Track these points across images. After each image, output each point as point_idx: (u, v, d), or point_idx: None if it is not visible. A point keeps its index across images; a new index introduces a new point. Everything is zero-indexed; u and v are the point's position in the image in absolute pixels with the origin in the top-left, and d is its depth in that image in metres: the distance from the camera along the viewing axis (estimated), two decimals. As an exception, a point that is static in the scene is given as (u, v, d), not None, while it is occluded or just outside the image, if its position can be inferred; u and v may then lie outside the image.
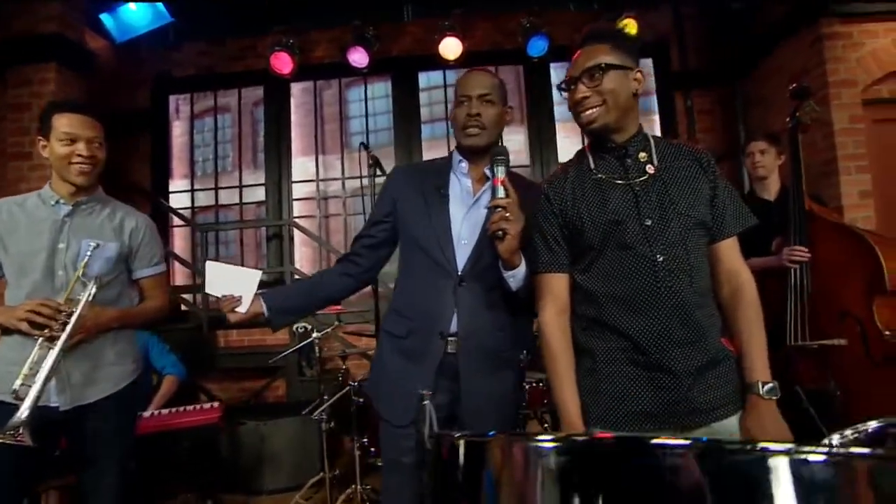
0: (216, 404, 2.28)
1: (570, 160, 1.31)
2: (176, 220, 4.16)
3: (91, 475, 1.61)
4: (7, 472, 1.46)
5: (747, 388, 1.14)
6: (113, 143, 1.79)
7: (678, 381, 1.11)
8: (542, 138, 4.12)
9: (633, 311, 1.13)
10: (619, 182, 1.19)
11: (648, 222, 1.14)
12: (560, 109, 4.20)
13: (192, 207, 4.24)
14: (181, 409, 2.22)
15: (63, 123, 1.60)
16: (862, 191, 2.99)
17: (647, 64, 4.16)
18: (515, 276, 1.28)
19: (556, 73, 4.20)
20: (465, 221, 1.38)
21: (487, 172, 1.42)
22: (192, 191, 4.26)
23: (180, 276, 4.21)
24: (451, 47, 3.71)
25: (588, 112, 1.17)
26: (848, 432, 1.03)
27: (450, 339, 1.34)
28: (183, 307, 3.91)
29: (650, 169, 1.18)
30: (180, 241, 4.25)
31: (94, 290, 1.56)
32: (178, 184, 4.30)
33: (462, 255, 1.36)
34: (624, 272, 1.15)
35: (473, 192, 1.42)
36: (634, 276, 1.14)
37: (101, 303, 1.61)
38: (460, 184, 1.43)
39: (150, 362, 2.63)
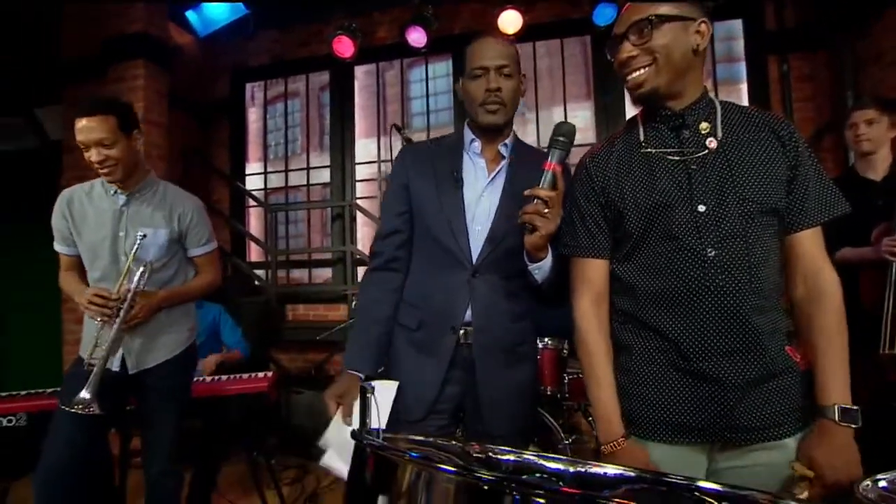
0: (269, 374, 2.42)
1: (618, 131, 1.16)
2: (251, 201, 4.45)
3: (150, 428, 1.81)
4: (85, 425, 1.66)
5: (819, 410, 0.96)
6: (197, 130, 1.92)
7: (724, 393, 0.96)
8: (609, 114, 3.84)
9: (676, 312, 0.99)
10: (673, 158, 1.02)
11: (702, 208, 0.98)
12: (630, 81, 3.88)
13: (265, 189, 4.51)
14: (235, 376, 2.39)
15: (77, 130, 1.65)
16: None
17: (735, 25, 3.71)
18: (541, 269, 1.18)
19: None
20: (479, 206, 1.30)
21: (503, 151, 1.33)
22: (266, 173, 4.53)
23: (255, 253, 4.52)
24: (510, 20, 3.55)
25: (635, 74, 1.00)
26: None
27: (463, 330, 1.27)
28: (256, 283, 4.20)
29: (711, 143, 1.00)
30: (255, 220, 4.56)
31: (145, 277, 1.70)
32: (253, 167, 4.59)
33: (476, 243, 1.28)
34: (667, 266, 1.00)
35: (488, 173, 1.33)
36: (679, 271, 0.99)
37: (158, 282, 1.79)
38: (474, 165, 1.34)
39: (220, 337, 2.85)
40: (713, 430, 0.97)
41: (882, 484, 0.81)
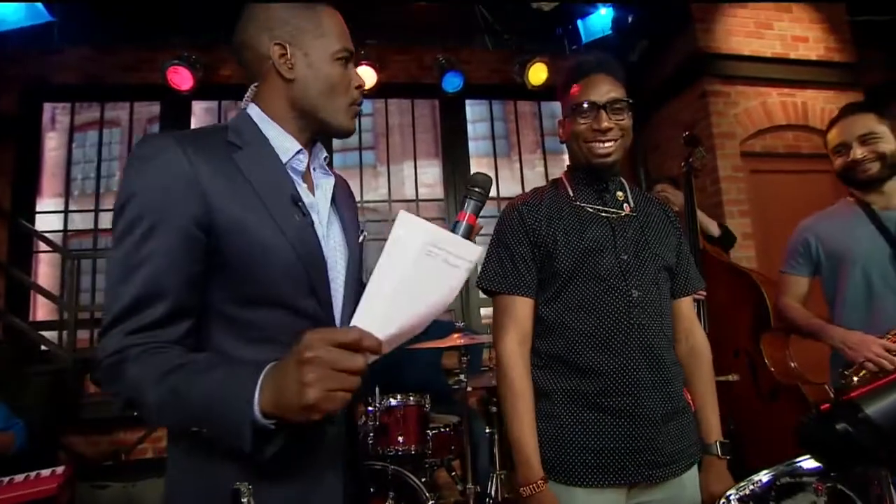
0: (59, 469, 1.88)
1: (544, 186, 1.27)
2: (42, 246, 3.60)
3: None
4: None
5: (706, 447, 1.17)
6: None
7: (643, 427, 1.06)
8: (456, 172, 4.13)
9: (603, 348, 1.08)
10: (599, 213, 1.16)
11: (625, 257, 1.12)
12: (474, 144, 4.26)
13: (65, 231, 3.70)
14: (3, 480, 1.80)
15: None
16: (744, 233, 3.26)
17: (558, 107, 4.36)
18: None
19: (472, 109, 4.27)
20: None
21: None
22: (66, 212, 3.73)
23: (43, 309, 3.62)
24: (366, 76, 3.64)
25: (609, 144, 1.12)
26: (744, 484, 1.03)
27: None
28: (44, 347, 3.34)
29: (627, 208, 1.18)
30: (46, 268, 3.68)
31: None
32: (46, 203, 3.74)
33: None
34: (596, 305, 1.10)
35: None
36: (607, 310, 1.09)
37: None
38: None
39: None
40: (634, 469, 1.06)
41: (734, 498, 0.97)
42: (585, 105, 1.12)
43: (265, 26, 0.87)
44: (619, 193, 1.21)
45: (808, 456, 1.00)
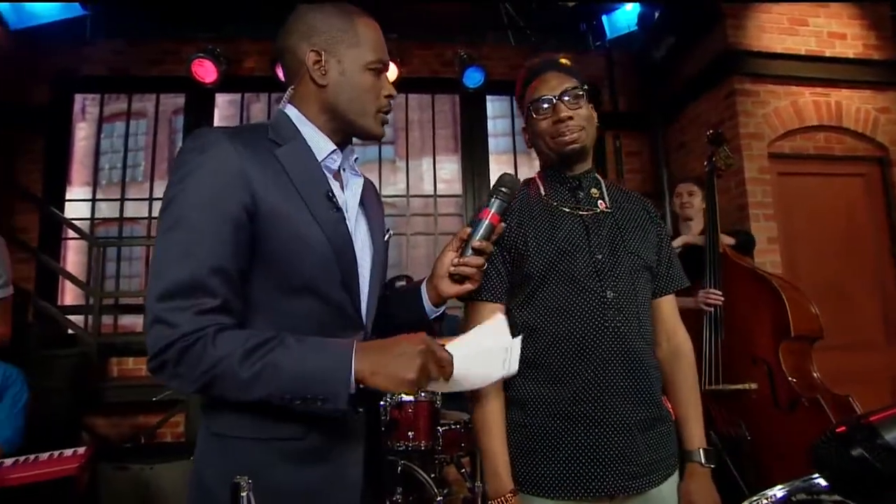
0: (81, 450, 1.93)
1: (519, 186, 1.23)
2: (71, 233, 3.70)
3: None
4: None
5: (687, 455, 1.12)
6: None
7: (617, 436, 1.02)
8: (475, 168, 4.10)
9: (576, 352, 1.04)
10: (571, 212, 1.13)
11: (599, 256, 1.08)
12: (494, 141, 4.22)
13: (92, 219, 3.81)
14: (27, 458, 1.86)
15: None
16: (769, 237, 3.17)
17: (580, 104, 4.30)
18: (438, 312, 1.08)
19: (492, 105, 4.23)
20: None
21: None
22: (94, 201, 3.83)
23: (71, 294, 3.74)
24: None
25: (573, 134, 1.10)
26: (756, 499, 0.99)
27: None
28: (70, 331, 3.45)
29: (602, 205, 1.14)
30: (74, 255, 3.79)
31: None
32: (76, 192, 3.85)
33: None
34: (569, 308, 1.06)
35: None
36: (580, 312, 1.05)
37: None
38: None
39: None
40: (610, 480, 1.02)
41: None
42: (539, 101, 1.13)
43: (304, 34, 0.94)
44: (594, 190, 1.17)
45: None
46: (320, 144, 0.94)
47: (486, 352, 0.93)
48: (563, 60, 1.21)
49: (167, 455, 2.71)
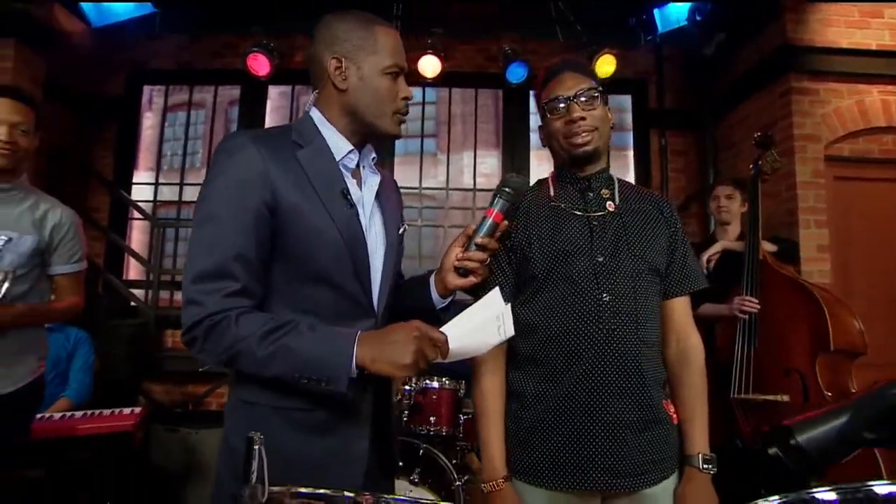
0: (137, 410, 2.15)
1: (531, 186, 1.27)
2: (136, 213, 4.04)
3: None
4: None
5: (686, 458, 1.12)
6: (78, 127, 1.72)
7: (607, 434, 1.04)
8: (515, 164, 4.11)
9: (570, 352, 1.08)
10: (577, 213, 1.15)
11: (600, 259, 1.10)
12: (535, 136, 4.20)
13: (154, 201, 4.13)
14: (92, 413, 2.10)
15: None
16: (820, 245, 3.01)
17: (626, 100, 4.21)
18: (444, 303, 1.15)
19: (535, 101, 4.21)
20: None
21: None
22: (157, 184, 4.15)
23: (134, 271, 4.08)
24: (430, 65, 3.70)
25: (585, 134, 1.13)
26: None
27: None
28: (132, 304, 3.77)
29: (610, 206, 1.16)
30: (139, 234, 4.13)
31: (5, 286, 1.48)
32: (142, 175, 4.19)
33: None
34: (566, 308, 1.09)
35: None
36: (576, 314, 1.08)
37: (9, 296, 1.53)
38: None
39: (68, 363, 2.47)
40: (596, 476, 1.04)
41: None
42: (555, 101, 1.14)
43: (328, 42, 1.03)
44: (605, 191, 1.18)
45: (827, 487, 0.95)
46: (339, 145, 1.03)
47: (480, 324, 0.99)
48: (579, 60, 1.23)
49: (212, 422, 2.94)
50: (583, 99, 1.13)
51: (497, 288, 1.04)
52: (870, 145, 3.25)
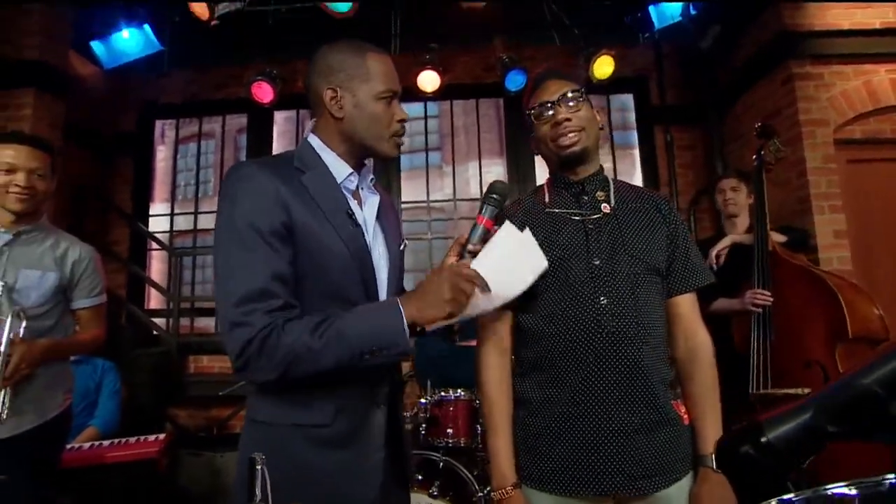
0: (161, 436, 2.21)
1: (528, 193, 1.29)
2: (153, 244, 4.16)
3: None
4: None
5: (699, 458, 1.09)
6: (96, 164, 1.81)
7: (615, 437, 1.04)
8: (520, 170, 4.12)
9: (573, 356, 1.08)
10: (572, 218, 1.16)
11: (597, 262, 1.10)
12: (538, 142, 4.21)
13: (171, 231, 4.25)
14: (118, 441, 2.16)
15: (4, 154, 1.62)
16: (837, 230, 2.94)
17: (628, 99, 4.19)
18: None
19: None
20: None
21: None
22: (172, 215, 4.28)
23: (155, 300, 4.19)
24: (429, 80, 3.75)
25: (571, 135, 1.14)
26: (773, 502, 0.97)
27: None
28: (154, 332, 3.87)
29: (605, 208, 1.16)
30: (157, 264, 4.25)
31: (20, 325, 1.55)
32: (158, 207, 4.32)
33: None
34: (565, 312, 1.10)
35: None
36: (575, 317, 1.09)
37: (36, 332, 1.62)
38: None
39: (97, 393, 2.55)
40: (608, 480, 1.04)
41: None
42: (541, 107, 1.17)
43: (323, 73, 1.07)
44: (600, 193, 1.18)
45: (842, 483, 0.92)
46: (339, 169, 1.08)
47: (508, 254, 1.04)
48: (563, 69, 1.25)
49: (236, 445, 2.96)
50: (569, 102, 1.15)
51: (507, 220, 1.09)
52: (881, 125, 3.17)
